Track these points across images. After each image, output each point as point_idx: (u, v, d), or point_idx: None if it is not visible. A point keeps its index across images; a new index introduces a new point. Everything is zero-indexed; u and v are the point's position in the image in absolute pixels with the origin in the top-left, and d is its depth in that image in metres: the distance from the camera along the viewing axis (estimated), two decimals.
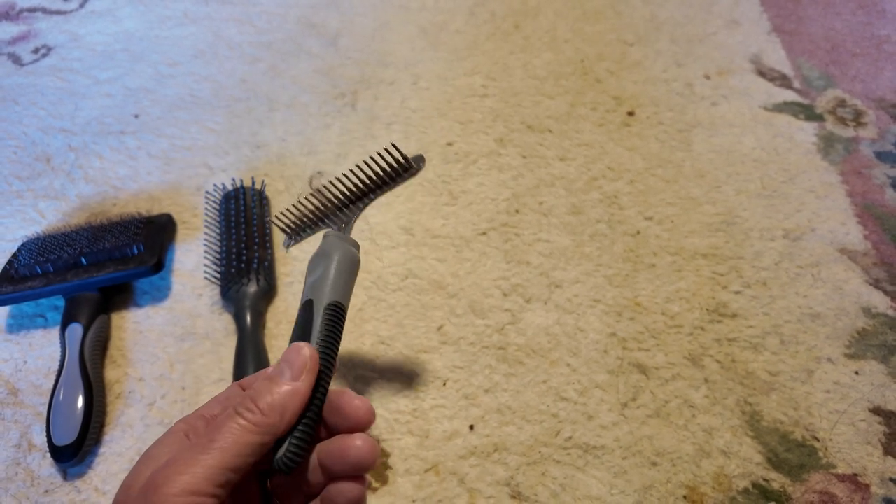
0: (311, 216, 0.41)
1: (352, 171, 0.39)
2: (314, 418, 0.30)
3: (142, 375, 0.49)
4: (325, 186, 0.40)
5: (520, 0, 0.81)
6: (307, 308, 0.33)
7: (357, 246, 0.38)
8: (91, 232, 0.53)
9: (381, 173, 0.39)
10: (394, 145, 0.39)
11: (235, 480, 0.26)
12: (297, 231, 0.41)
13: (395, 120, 0.67)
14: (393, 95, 0.69)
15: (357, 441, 0.29)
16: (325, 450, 0.30)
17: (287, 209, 0.41)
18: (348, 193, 0.40)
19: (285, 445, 0.29)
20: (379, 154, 0.39)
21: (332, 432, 0.32)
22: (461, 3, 0.80)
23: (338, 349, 0.33)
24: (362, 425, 0.31)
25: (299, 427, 0.29)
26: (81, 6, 0.80)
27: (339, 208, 0.40)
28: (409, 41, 0.76)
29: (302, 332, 0.32)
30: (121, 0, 0.81)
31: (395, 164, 0.39)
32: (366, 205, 0.40)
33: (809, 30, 0.76)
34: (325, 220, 0.40)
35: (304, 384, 0.29)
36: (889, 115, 0.66)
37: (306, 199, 0.41)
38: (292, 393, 0.28)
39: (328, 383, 0.31)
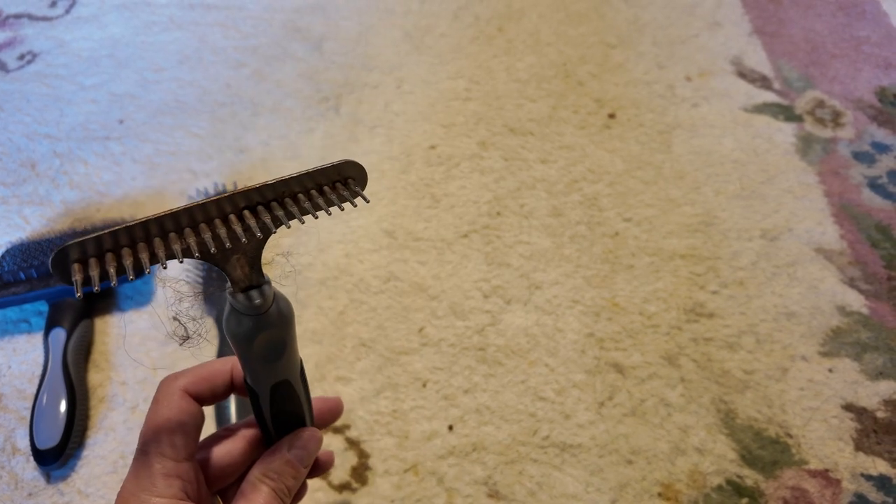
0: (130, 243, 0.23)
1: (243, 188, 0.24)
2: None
3: (124, 379, 0.49)
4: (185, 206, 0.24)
5: (504, 4, 0.81)
6: (282, 385, 0.29)
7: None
8: (74, 237, 0.54)
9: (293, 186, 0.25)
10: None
11: None
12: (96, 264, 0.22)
13: (378, 124, 0.67)
14: (377, 99, 0.70)
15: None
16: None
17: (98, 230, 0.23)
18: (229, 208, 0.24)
19: None
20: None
21: None
22: (445, 7, 0.81)
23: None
24: (331, 417, 0.36)
25: None
26: (67, 12, 0.81)
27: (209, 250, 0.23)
28: (393, 45, 0.76)
29: (283, 404, 0.30)
30: (107, 6, 0.81)
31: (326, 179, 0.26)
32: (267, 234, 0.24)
33: (790, 31, 0.77)
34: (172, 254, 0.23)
35: (307, 469, 0.32)
36: (867, 115, 0.67)
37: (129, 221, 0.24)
38: (303, 477, 0.31)
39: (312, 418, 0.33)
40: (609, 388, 0.48)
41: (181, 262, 0.23)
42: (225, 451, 0.31)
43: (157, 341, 0.51)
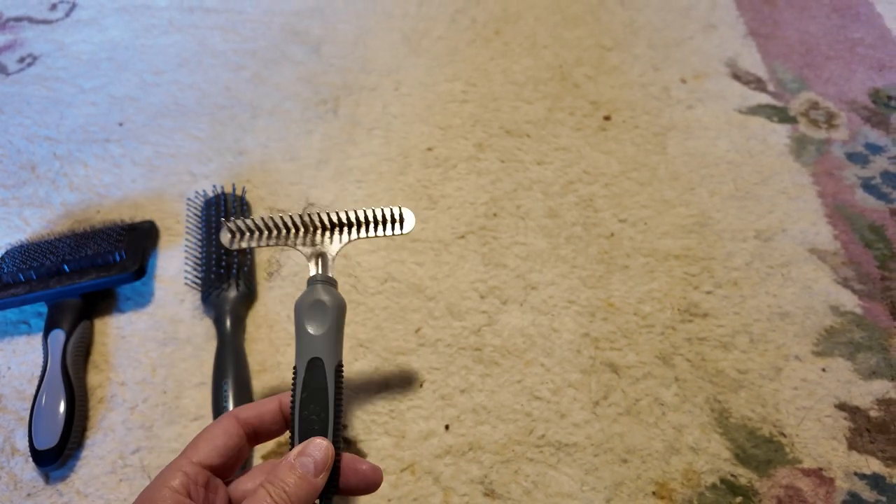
0: (270, 228, 0.40)
1: (336, 210, 0.40)
2: (334, 483, 0.33)
3: (124, 380, 0.50)
4: (292, 215, 0.40)
5: (500, 6, 0.82)
6: (316, 366, 0.34)
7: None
8: (74, 239, 0.54)
9: (369, 217, 0.40)
10: (399, 207, 0.41)
11: None
12: (245, 233, 0.40)
13: (376, 126, 0.68)
14: (375, 101, 0.71)
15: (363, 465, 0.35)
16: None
17: (246, 217, 0.43)
18: (322, 222, 0.40)
19: None
20: (378, 207, 0.41)
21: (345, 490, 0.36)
22: (443, 10, 0.82)
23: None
24: (372, 487, 0.36)
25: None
26: (67, 15, 0.81)
27: (307, 236, 0.40)
28: (391, 48, 0.77)
29: (312, 394, 0.33)
30: (107, 9, 0.82)
31: (385, 214, 0.40)
32: (342, 241, 0.40)
33: (785, 33, 0.78)
34: (287, 240, 0.40)
35: (321, 480, 0.32)
36: (861, 116, 0.68)
37: (275, 213, 0.41)
38: (313, 489, 0.31)
39: (340, 447, 0.34)
40: (604, 387, 0.49)
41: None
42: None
43: (157, 342, 0.52)
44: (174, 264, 0.56)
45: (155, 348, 0.51)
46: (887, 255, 0.56)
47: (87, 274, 0.51)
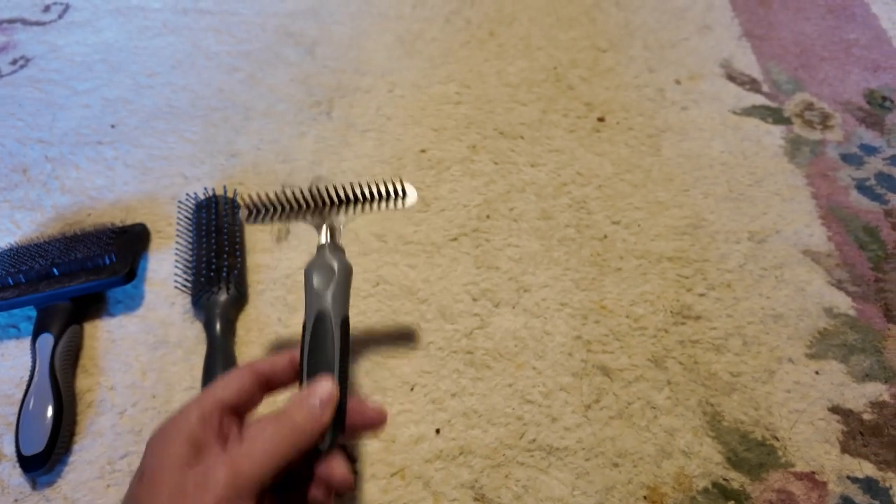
0: (284, 205, 0.44)
1: (343, 184, 0.44)
2: (340, 422, 0.35)
3: (113, 384, 0.49)
4: (302, 190, 0.44)
5: (495, 8, 0.82)
6: (322, 320, 0.37)
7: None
8: (64, 242, 0.54)
9: (370, 191, 0.44)
10: (401, 179, 0.45)
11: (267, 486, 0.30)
12: (261, 211, 0.44)
13: (370, 128, 0.68)
14: (369, 103, 0.70)
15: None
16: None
17: (262, 193, 0.45)
18: (332, 197, 0.44)
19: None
20: (380, 180, 0.45)
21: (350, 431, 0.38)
22: (438, 12, 0.81)
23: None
24: (377, 426, 0.39)
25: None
26: (61, 17, 0.81)
27: (317, 209, 0.44)
28: (385, 49, 0.77)
29: (319, 343, 0.36)
30: (100, 11, 0.82)
31: (386, 189, 0.44)
32: (349, 216, 0.44)
33: (779, 34, 0.78)
34: (301, 216, 0.44)
35: (327, 416, 0.34)
36: (855, 117, 0.67)
37: (286, 189, 0.45)
38: (319, 424, 0.33)
39: (346, 391, 0.36)
40: (596, 390, 0.49)
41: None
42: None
43: (147, 345, 0.51)
44: (165, 267, 0.56)
45: (145, 352, 0.51)
46: (881, 256, 0.56)
47: (76, 277, 0.51)
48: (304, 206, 0.44)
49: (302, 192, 0.44)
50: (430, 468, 0.45)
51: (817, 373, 0.49)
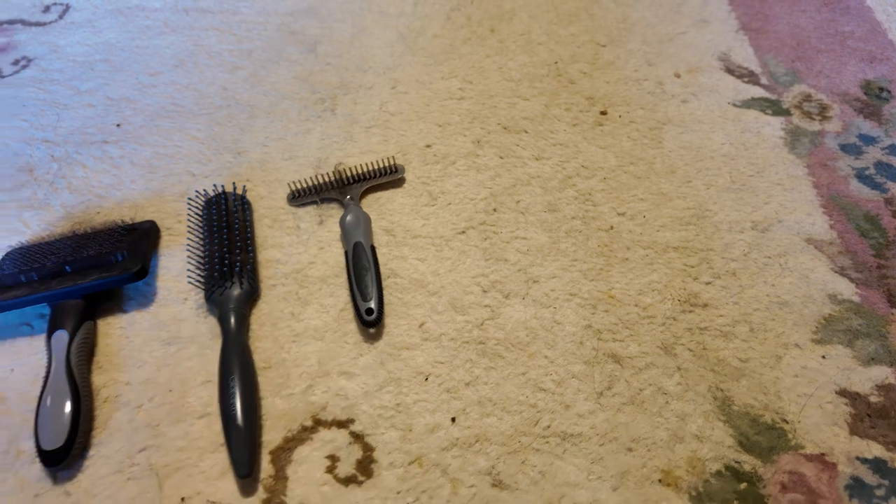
0: (317, 189, 0.61)
1: (350, 167, 0.62)
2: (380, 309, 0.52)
3: (128, 380, 0.50)
4: (328, 173, 0.62)
5: (495, 4, 0.82)
6: (358, 247, 0.54)
7: None
8: (75, 240, 0.54)
9: (374, 169, 0.62)
10: (393, 158, 0.64)
11: None
12: (302, 195, 0.61)
13: (374, 124, 0.68)
14: (372, 100, 0.71)
15: None
16: None
17: (297, 181, 0.61)
18: (349, 177, 0.61)
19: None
20: (380, 160, 0.63)
21: None
22: (438, 9, 0.82)
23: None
24: None
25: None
26: (60, 17, 0.81)
27: (340, 187, 0.61)
28: (387, 46, 0.77)
29: (358, 262, 0.54)
30: (100, 11, 0.82)
31: (384, 167, 0.62)
32: (362, 186, 0.61)
33: (776, 27, 0.79)
34: (328, 193, 0.61)
35: None
36: (853, 108, 0.69)
37: (313, 177, 0.61)
38: None
39: (382, 287, 0.53)
40: (607, 378, 0.49)
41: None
42: None
43: (161, 341, 0.52)
44: (176, 263, 0.56)
45: (159, 347, 0.51)
46: (883, 243, 0.57)
47: (89, 274, 0.51)
48: (331, 186, 0.60)
49: (328, 175, 0.61)
50: (447, 456, 0.46)
51: (824, 357, 0.50)
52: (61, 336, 0.49)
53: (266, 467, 0.45)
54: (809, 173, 0.63)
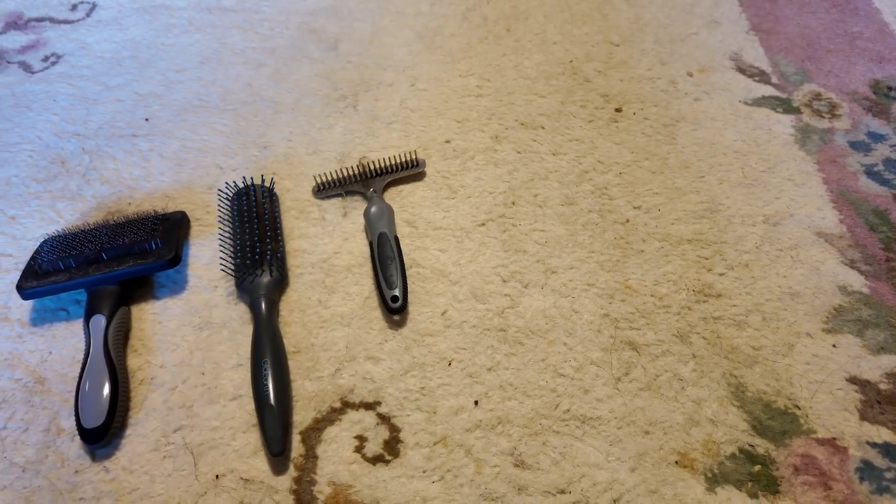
0: (341, 182, 0.63)
1: (373, 161, 0.64)
2: (405, 293, 0.54)
3: (163, 363, 0.52)
4: (353, 166, 0.64)
5: (510, 5, 0.84)
6: (382, 237, 0.56)
7: None
8: (110, 229, 0.56)
9: (396, 163, 0.64)
10: (414, 152, 0.66)
11: None
12: (328, 188, 0.63)
13: (395, 120, 0.70)
14: (392, 96, 0.73)
15: None
16: None
17: (322, 174, 0.64)
18: (372, 170, 0.63)
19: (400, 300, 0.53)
20: (402, 154, 0.65)
21: None
22: (455, 9, 0.84)
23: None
24: None
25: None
26: (88, 15, 0.83)
27: (363, 180, 0.63)
28: (406, 45, 0.79)
29: (383, 251, 0.55)
30: (126, 9, 0.84)
31: (406, 160, 0.64)
32: (385, 180, 0.63)
33: (786, 28, 0.80)
34: (352, 186, 0.63)
35: None
36: (862, 107, 0.70)
37: (338, 171, 0.64)
38: None
39: (405, 275, 0.55)
40: (625, 364, 0.51)
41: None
42: None
43: (193, 326, 0.53)
44: (206, 253, 0.58)
45: (191, 332, 0.53)
46: (891, 237, 0.58)
47: (124, 261, 0.53)
48: (355, 179, 0.62)
49: (353, 168, 0.63)
50: (471, 437, 0.47)
51: (834, 346, 0.52)
52: (99, 320, 0.51)
53: (297, 447, 0.47)
54: (819, 169, 0.64)
